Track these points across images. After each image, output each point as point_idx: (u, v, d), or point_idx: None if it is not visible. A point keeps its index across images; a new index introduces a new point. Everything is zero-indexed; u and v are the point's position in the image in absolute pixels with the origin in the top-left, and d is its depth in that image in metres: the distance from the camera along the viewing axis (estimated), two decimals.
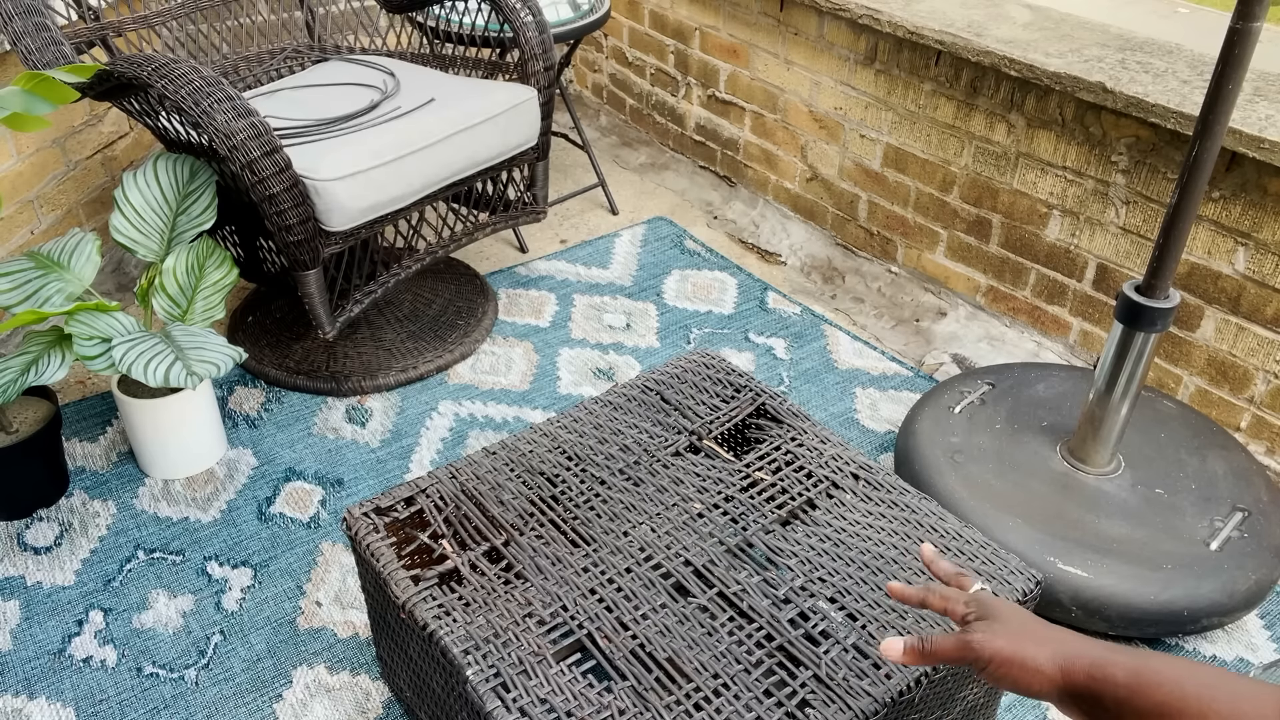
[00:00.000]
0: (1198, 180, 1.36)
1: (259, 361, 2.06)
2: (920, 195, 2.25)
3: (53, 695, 1.42)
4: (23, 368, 1.57)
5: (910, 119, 2.20)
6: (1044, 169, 1.97)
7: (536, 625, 1.08)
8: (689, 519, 1.22)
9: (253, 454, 1.85)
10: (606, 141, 3.08)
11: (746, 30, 2.54)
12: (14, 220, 2.03)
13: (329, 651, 1.48)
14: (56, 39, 1.75)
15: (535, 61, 2.01)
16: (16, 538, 1.67)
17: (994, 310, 2.20)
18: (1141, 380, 1.53)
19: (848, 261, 2.46)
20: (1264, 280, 1.71)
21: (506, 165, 2.02)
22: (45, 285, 1.63)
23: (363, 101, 1.92)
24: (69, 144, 2.15)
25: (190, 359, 1.56)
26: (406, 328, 2.15)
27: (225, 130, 1.56)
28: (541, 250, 2.52)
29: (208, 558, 1.64)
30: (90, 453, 1.85)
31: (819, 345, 2.17)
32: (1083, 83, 1.79)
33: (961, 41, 1.98)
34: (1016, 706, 1.41)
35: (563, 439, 1.34)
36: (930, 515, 1.23)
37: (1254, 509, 1.55)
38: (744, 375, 1.46)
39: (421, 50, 2.27)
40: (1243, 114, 1.64)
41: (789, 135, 2.54)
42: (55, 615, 1.54)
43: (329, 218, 1.69)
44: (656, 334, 2.20)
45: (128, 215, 1.70)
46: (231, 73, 2.15)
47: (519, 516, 1.22)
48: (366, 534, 1.19)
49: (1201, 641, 1.51)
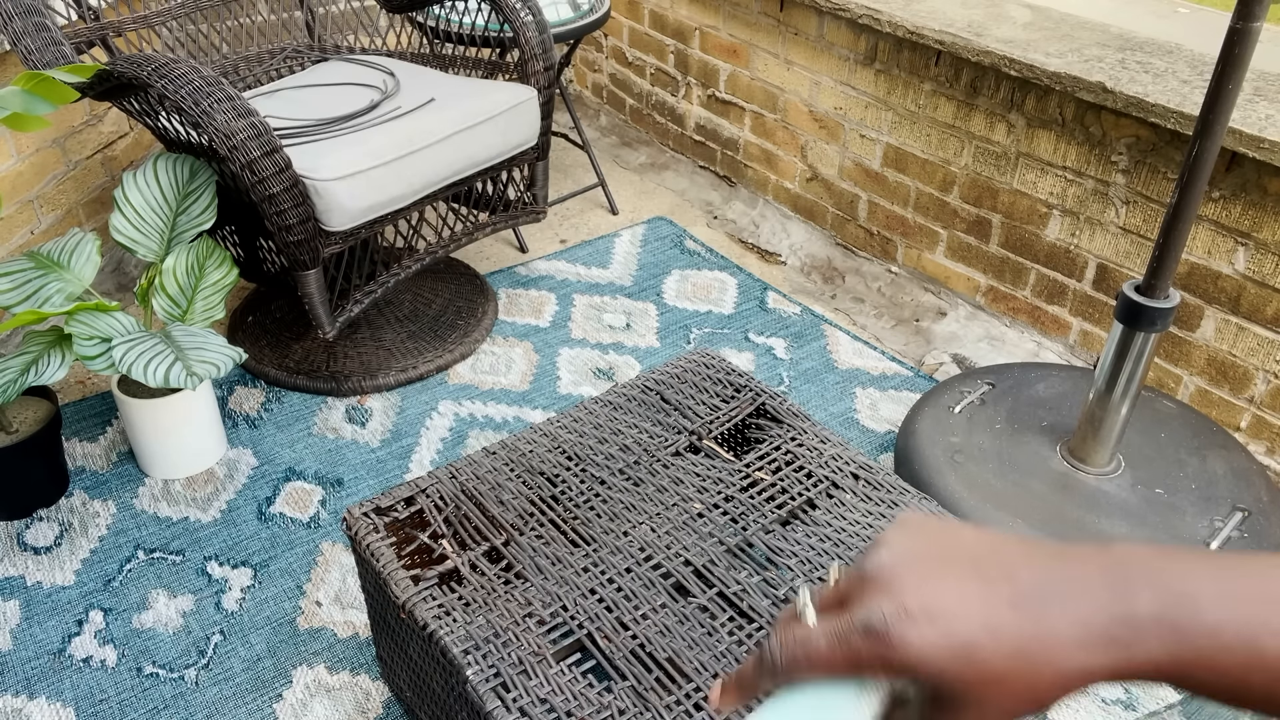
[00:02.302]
0: (1198, 180, 1.36)
1: (259, 361, 2.06)
2: (920, 195, 2.25)
3: (53, 695, 1.42)
4: (23, 368, 1.57)
5: (910, 119, 2.20)
6: (1044, 169, 1.97)
7: (536, 625, 1.08)
8: (689, 519, 1.22)
9: (253, 454, 1.85)
10: (606, 141, 3.08)
11: (746, 30, 2.54)
12: (14, 220, 2.03)
13: (329, 651, 1.48)
14: (56, 39, 1.75)
15: (535, 61, 2.01)
16: (16, 538, 1.67)
17: (994, 310, 2.20)
18: (1141, 380, 1.53)
19: (848, 261, 2.46)
20: (1264, 280, 1.71)
21: (506, 165, 2.02)
22: (45, 285, 1.63)
23: (363, 101, 1.92)
24: (69, 144, 2.15)
25: (190, 359, 1.56)
26: (406, 328, 2.15)
27: (225, 130, 1.56)
28: (541, 250, 2.52)
29: (208, 558, 1.64)
30: (90, 453, 1.85)
31: (819, 345, 2.17)
32: (1083, 83, 1.79)
33: (961, 41, 1.98)
34: None
35: (563, 439, 1.34)
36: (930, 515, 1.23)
37: (1254, 509, 1.55)
38: (744, 375, 1.46)
39: (421, 50, 2.27)
40: (1243, 114, 1.64)
41: (789, 135, 2.54)
42: (55, 615, 1.54)
43: (329, 218, 1.69)
44: (656, 334, 2.20)
45: (128, 215, 1.70)
46: (231, 73, 2.15)
47: (519, 516, 1.22)
48: (366, 534, 1.19)
49: None
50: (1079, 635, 0.39)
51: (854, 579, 0.44)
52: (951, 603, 0.41)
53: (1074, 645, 0.39)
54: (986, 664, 0.40)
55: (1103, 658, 0.39)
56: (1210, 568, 0.40)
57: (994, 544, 0.43)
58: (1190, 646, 0.39)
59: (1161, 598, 0.39)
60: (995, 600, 0.41)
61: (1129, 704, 1.41)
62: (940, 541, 0.44)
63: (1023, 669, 0.40)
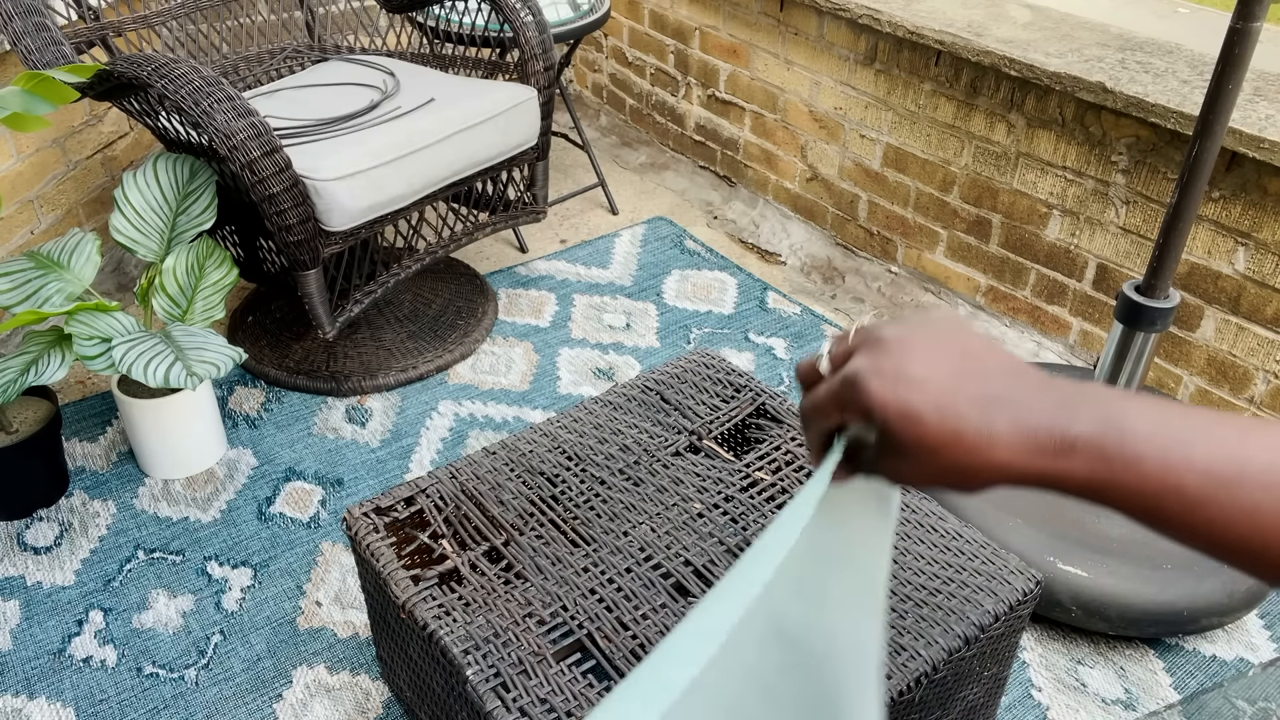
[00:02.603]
0: (1198, 180, 1.36)
1: (259, 361, 2.06)
2: (920, 195, 2.25)
3: (53, 695, 1.42)
4: (23, 368, 1.57)
5: (910, 119, 2.20)
6: (1044, 169, 1.97)
7: (536, 625, 1.08)
8: (689, 519, 1.22)
9: (253, 454, 1.85)
10: (606, 141, 3.08)
11: (746, 30, 2.54)
12: (14, 220, 2.03)
13: (329, 651, 1.48)
14: (56, 39, 1.75)
15: (535, 61, 2.01)
16: (16, 538, 1.67)
17: (994, 310, 2.20)
18: (1141, 380, 1.53)
19: (848, 261, 2.46)
20: (1264, 280, 1.71)
21: (506, 165, 2.02)
22: (45, 285, 1.63)
23: (363, 101, 1.92)
24: (69, 144, 2.15)
25: (190, 359, 1.56)
26: (406, 328, 2.15)
27: (225, 130, 1.56)
28: (541, 250, 2.52)
29: (208, 558, 1.64)
30: (90, 453, 1.85)
31: (819, 345, 2.17)
32: (1083, 83, 1.79)
33: (961, 41, 1.98)
34: (1016, 707, 1.41)
35: (563, 439, 1.34)
36: (930, 515, 1.23)
37: None
38: (744, 375, 1.46)
39: (421, 50, 2.27)
40: (1243, 114, 1.64)
41: (789, 135, 2.54)
42: (55, 615, 1.54)
43: (329, 218, 1.69)
44: (656, 334, 2.20)
45: (128, 215, 1.70)
46: (231, 73, 2.15)
47: (519, 516, 1.22)
48: (366, 534, 1.19)
49: (1201, 641, 1.51)
50: (1012, 438, 0.46)
51: (860, 336, 0.53)
52: (919, 376, 0.49)
53: (1005, 445, 0.46)
54: (925, 433, 0.48)
55: (1028, 460, 0.46)
56: (1156, 410, 0.45)
57: (990, 354, 0.51)
58: (1109, 469, 0.45)
59: (1098, 425, 0.45)
60: (956, 390, 0.48)
61: (1129, 704, 1.41)
62: (947, 333, 0.52)
63: (955, 449, 0.47)
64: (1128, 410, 0.45)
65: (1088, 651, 1.49)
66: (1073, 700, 1.42)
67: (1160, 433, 0.45)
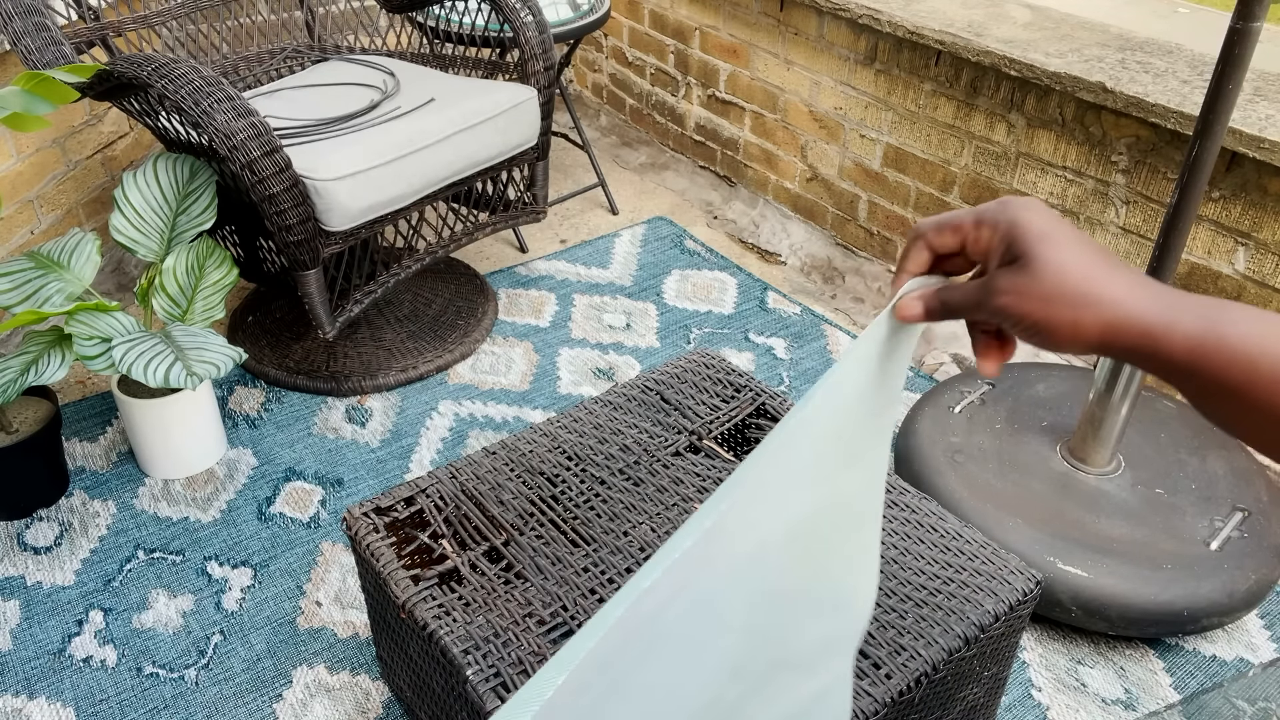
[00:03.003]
0: (1198, 180, 1.36)
1: (259, 361, 2.06)
2: (920, 195, 2.25)
3: (53, 695, 1.42)
4: (23, 368, 1.57)
5: (910, 119, 2.20)
6: (1044, 169, 1.97)
7: (536, 625, 1.08)
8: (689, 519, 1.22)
9: (253, 454, 1.85)
10: (606, 141, 3.08)
11: (746, 30, 2.54)
12: (14, 220, 2.03)
13: (329, 651, 1.48)
14: (56, 39, 1.75)
15: (535, 61, 2.01)
16: (16, 538, 1.67)
17: None
18: (1141, 380, 1.53)
19: (848, 261, 2.46)
20: (1264, 280, 1.71)
21: (506, 165, 2.02)
22: (45, 285, 1.63)
23: (363, 101, 1.92)
24: (69, 144, 2.15)
25: (190, 359, 1.56)
26: (406, 328, 2.15)
27: (225, 130, 1.56)
28: (541, 250, 2.52)
29: (208, 558, 1.64)
30: (90, 453, 1.85)
31: (819, 345, 2.17)
32: (1083, 83, 1.79)
33: (961, 41, 1.98)
34: (1016, 707, 1.41)
35: (563, 439, 1.34)
36: (930, 515, 1.23)
37: (1254, 509, 1.55)
38: (744, 375, 1.46)
39: (421, 50, 2.27)
40: (1243, 114, 1.64)
41: (789, 135, 2.54)
42: (55, 615, 1.54)
43: (329, 218, 1.69)
44: (656, 334, 2.20)
45: (128, 215, 1.70)
46: (231, 73, 2.15)
47: (519, 516, 1.22)
48: (366, 534, 1.19)
49: (1201, 641, 1.51)
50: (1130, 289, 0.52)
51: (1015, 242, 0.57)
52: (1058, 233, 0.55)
53: (1124, 292, 0.52)
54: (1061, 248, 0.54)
55: (1142, 309, 0.52)
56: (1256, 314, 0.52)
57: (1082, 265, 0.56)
58: (1214, 336, 0.50)
59: (1206, 307, 0.51)
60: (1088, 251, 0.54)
61: (1129, 704, 1.41)
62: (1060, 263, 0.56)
63: (1080, 271, 0.53)
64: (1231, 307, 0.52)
65: (1088, 651, 1.49)
66: (1073, 700, 1.42)
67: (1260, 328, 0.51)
